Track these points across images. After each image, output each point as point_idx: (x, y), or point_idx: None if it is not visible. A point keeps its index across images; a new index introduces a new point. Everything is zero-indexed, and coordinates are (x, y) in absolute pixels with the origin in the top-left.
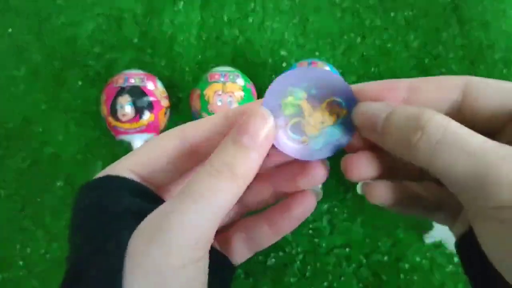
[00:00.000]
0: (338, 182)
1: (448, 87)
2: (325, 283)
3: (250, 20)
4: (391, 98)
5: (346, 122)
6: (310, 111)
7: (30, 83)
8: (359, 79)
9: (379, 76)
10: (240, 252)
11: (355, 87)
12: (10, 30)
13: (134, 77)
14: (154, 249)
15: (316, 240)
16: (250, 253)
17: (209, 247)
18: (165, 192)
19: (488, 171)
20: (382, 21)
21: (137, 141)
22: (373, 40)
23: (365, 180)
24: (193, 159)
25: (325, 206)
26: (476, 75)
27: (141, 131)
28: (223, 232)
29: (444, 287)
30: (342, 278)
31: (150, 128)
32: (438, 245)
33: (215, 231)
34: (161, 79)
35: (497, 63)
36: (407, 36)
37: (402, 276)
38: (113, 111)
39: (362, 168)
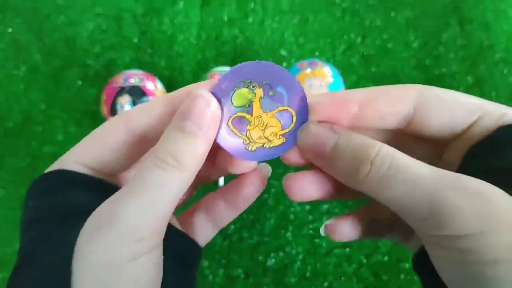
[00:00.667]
0: None
1: (399, 100)
2: (325, 283)
3: (250, 20)
4: (343, 115)
5: (289, 135)
6: (258, 111)
7: (30, 82)
8: (359, 79)
9: (379, 76)
10: (203, 231)
11: (310, 102)
12: (10, 29)
13: (134, 77)
14: (100, 245)
15: (316, 240)
16: (213, 232)
17: (161, 238)
18: (122, 179)
19: (434, 200)
20: (382, 21)
21: None
22: (373, 40)
23: (307, 200)
24: (143, 146)
25: (325, 207)
26: (477, 75)
27: None
28: (185, 212)
29: None
30: (343, 278)
31: None
32: None
33: (166, 222)
34: (161, 79)
35: (498, 63)
36: (407, 36)
37: (402, 276)
38: (113, 111)
39: (305, 189)
